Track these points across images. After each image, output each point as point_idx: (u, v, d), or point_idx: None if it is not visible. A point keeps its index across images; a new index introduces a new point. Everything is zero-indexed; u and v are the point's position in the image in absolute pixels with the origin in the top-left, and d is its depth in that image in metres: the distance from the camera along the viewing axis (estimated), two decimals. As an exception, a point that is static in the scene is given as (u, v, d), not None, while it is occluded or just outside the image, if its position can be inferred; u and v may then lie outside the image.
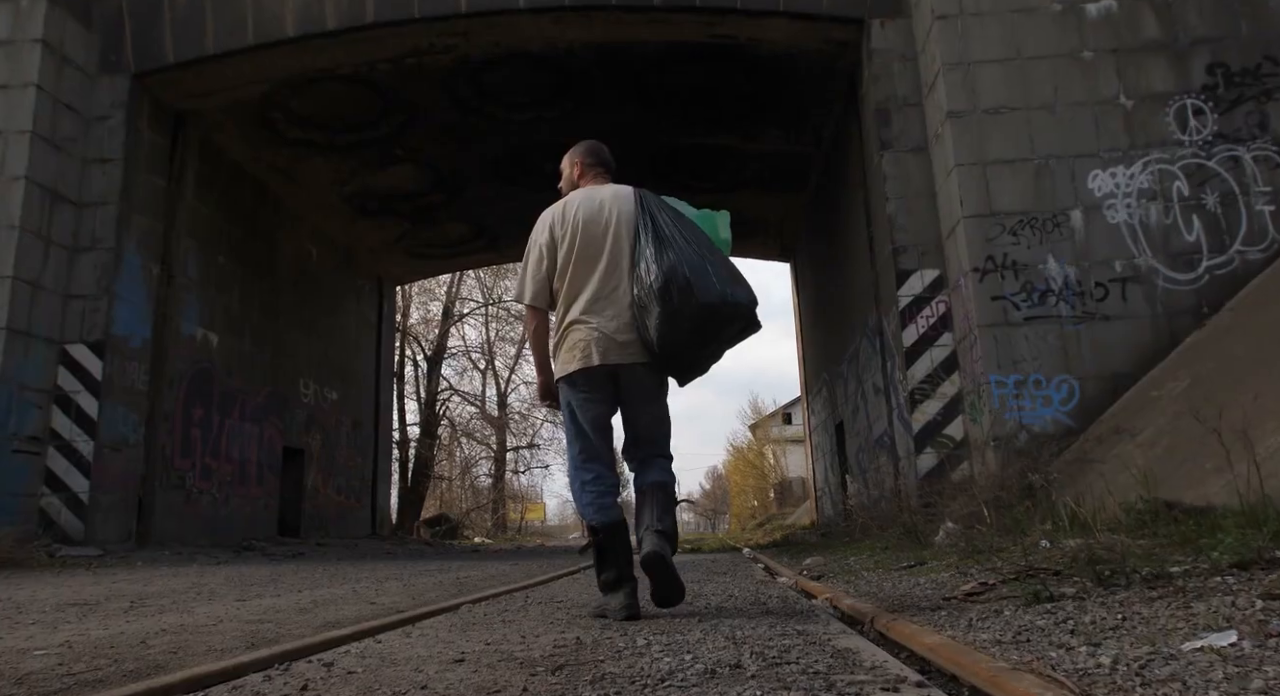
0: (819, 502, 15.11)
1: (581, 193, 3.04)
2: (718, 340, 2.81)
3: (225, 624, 2.64)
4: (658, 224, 2.83)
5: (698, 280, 2.68)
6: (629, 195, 2.97)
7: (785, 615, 2.61)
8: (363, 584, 4.60)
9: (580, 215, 2.92)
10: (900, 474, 8.52)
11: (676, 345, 2.72)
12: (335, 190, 13.23)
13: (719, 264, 2.79)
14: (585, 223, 2.91)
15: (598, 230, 2.89)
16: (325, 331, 13.97)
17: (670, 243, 2.77)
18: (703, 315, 2.68)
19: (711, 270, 2.73)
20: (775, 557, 7.29)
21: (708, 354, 2.87)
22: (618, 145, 3.28)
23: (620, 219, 2.89)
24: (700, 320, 2.68)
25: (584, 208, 2.95)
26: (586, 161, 3.17)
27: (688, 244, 2.77)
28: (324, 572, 5.75)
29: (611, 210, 2.92)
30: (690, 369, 2.92)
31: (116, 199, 9.00)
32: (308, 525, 12.93)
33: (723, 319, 2.73)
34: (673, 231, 2.81)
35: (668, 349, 2.73)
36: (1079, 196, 7.40)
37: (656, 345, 2.72)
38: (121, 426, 8.83)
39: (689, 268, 2.69)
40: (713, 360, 2.93)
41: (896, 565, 4.38)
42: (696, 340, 2.74)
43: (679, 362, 2.85)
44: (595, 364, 2.79)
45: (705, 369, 2.95)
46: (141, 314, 9.31)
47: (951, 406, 7.96)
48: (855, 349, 10.73)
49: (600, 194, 2.99)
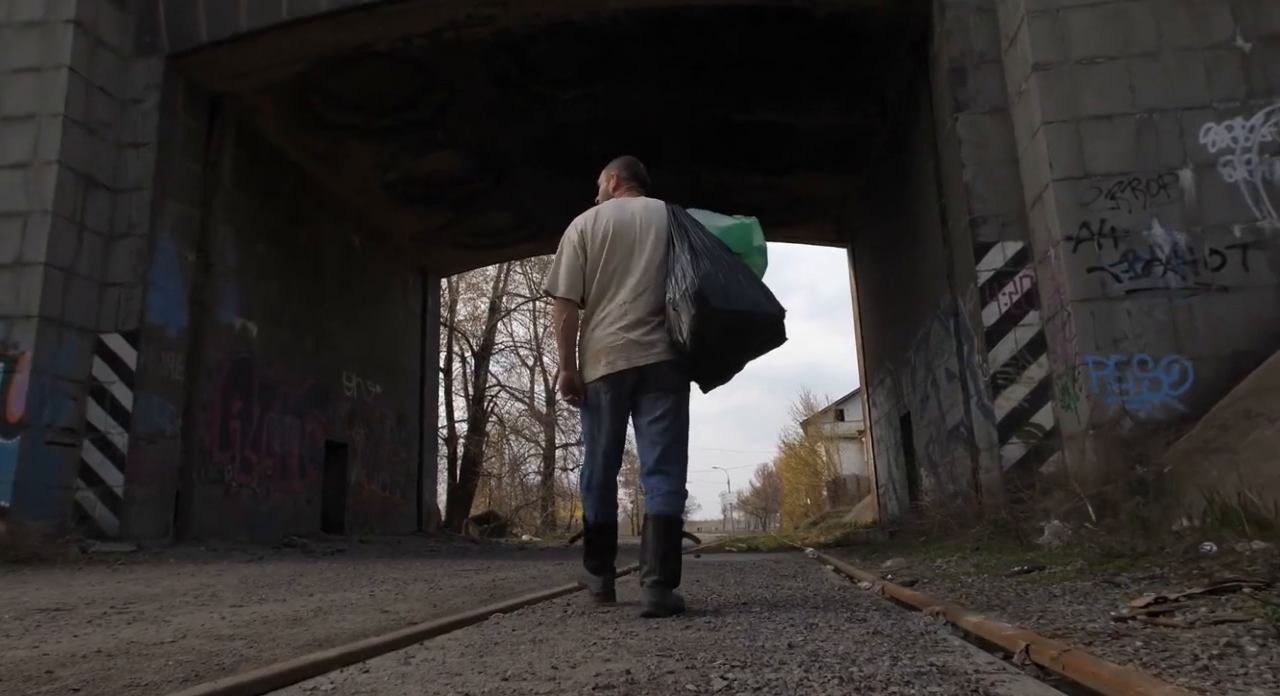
0: (881, 499, 14.30)
1: (613, 203, 3.16)
2: (743, 347, 2.94)
3: (187, 641, 2.14)
4: (691, 236, 2.94)
5: (731, 287, 2.81)
6: (660, 208, 3.10)
7: (898, 639, 2.00)
8: (386, 586, 4.10)
9: (611, 223, 3.04)
10: (980, 467, 7.76)
11: (706, 346, 2.81)
12: (376, 177, 12.90)
13: (749, 277, 2.93)
14: (615, 230, 3.02)
15: (627, 238, 3.01)
16: (369, 323, 13.67)
17: (704, 253, 2.89)
18: (734, 319, 2.79)
19: (743, 280, 2.88)
20: (844, 558, 6.62)
21: (733, 360, 2.99)
22: (664, 124, 2.95)
23: (650, 229, 3.01)
24: (731, 324, 2.80)
25: (615, 216, 3.06)
26: (622, 175, 3.30)
27: (720, 256, 2.91)
28: (351, 572, 5.29)
29: (642, 220, 3.04)
30: (715, 373, 3.03)
31: (151, 184, 8.72)
32: (351, 521, 12.63)
33: (753, 326, 2.86)
34: (706, 243, 2.93)
35: (698, 349, 2.81)
36: (1189, 153, 6.55)
37: (689, 345, 2.80)
38: (157, 418, 8.55)
39: (724, 275, 2.83)
40: (736, 368, 3.05)
41: (1003, 569, 3.70)
42: (725, 343, 2.85)
43: (706, 365, 2.94)
44: (620, 369, 2.90)
45: (728, 376, 3.06)
46: (177, 302, 9.03)
47: (1040, 392, 7.17)
48: (924, 334, 9.94)
49: (631, 205, 3.11)
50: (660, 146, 12.60)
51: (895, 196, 11.24)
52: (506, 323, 29.54)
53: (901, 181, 10.70)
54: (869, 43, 9.47)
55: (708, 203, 3.62)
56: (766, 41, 9.77)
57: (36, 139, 8.16)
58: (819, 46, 9.69)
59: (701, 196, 14.33)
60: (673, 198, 3.31)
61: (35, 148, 8.15)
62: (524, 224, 15.48)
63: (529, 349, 30.95)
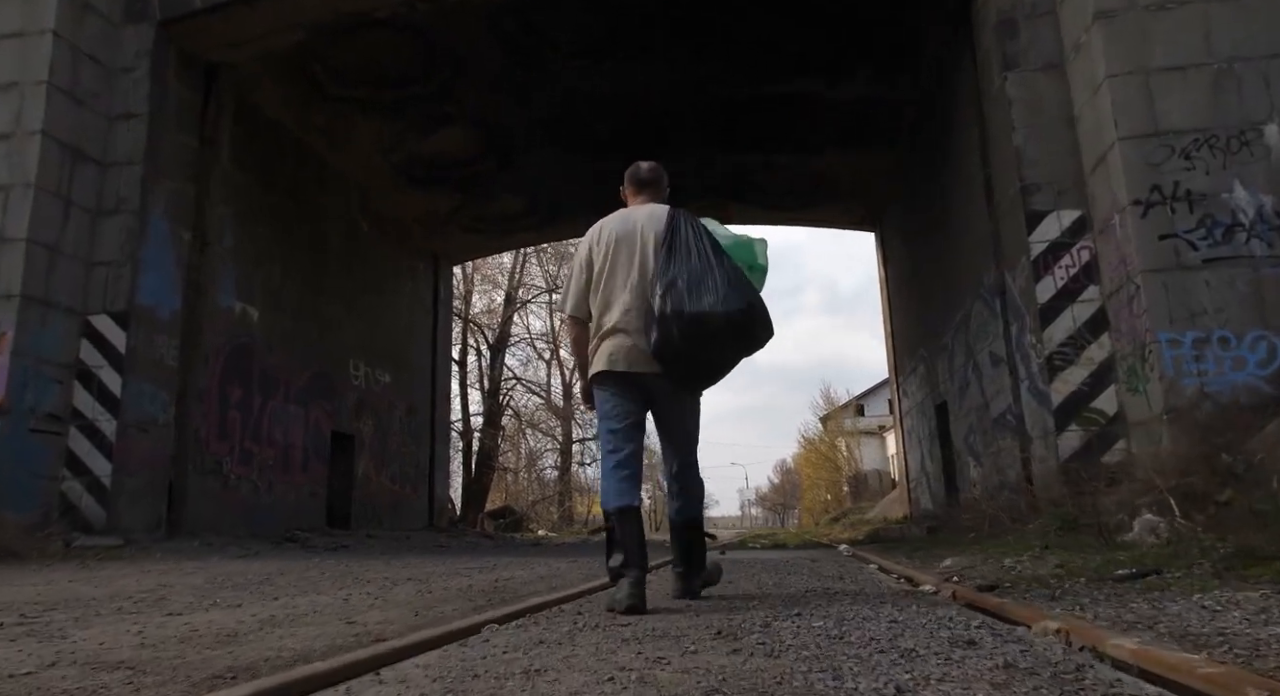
0: (913, 493, 13.62)
1: (619, 214, 3.23)
2: (710, 348, 2.89)
3: (54, 670, 1.59)
4: (676, 240, 2.96)
5: (692, 289, 2.82)
6: (661, 214, 3.11)
7: (1046, 676, 1.40)
8: (370, 588, 3.55)
9: (613, 235, 3.11)
10: (1033, 457, 7.11)
11: (671, 350, 2.83)
12: (383, 157, 12.39)
13: (723, 278, 2.86)
14: (617, 241, 3.09)
15: (628, 248, 3.07)
16: (377, 311, 13.16)
17: (677, 254, 2.91)
18: (691, 321, 2.79)
19: (713, 280, 2.83)
20: (886, 556, 6.00)
21: (707, 361, 2.95)
22: (679, 100, 2.52)
23: (650, 237, 3.05)
24: (687, 327, 2.79)
25: (617, 227, 3.13)
26: (629, 187, 3.35)
27: (697, 256, 2.90)
28: (339, 570, 4.74)
29: (642, 228, 3.08)
30: (690, 375, 3.01)
31: (142, 158, 8.22)
32: (359, 515, 12.14)
33: (711, 327, 2.80)
34: (688, 244, 2.94)
35: (664, 353, 2.85)
36: (1276, 106, 5.86)
37: (655, 354, 2.87)
38: (148, 404, 8.07)
39: (687, 277, 2.84)
40: (717, 369, 3.02)
41: (1099, 571, 3.08)
42: (691, 345, 2.83)
43: (677, 368, 2.93)
44: (620, 370, 2.98)
45: (707, 378, 3.07)
46: (170, 283, 8.54)
47: (1101, 374, 6.51)
48: (964, 316, 9.27)
49: (635, 214, 3.17)
50: (675, 125, 12.02)
51: (930, 172, 10.56)
52: (523, 315, 29.03)
53: (938, 155, 10.02)
54: (905, 2, 8.81)
55: (729, 190, 3.35)
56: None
57: (19, 108, 7.69)
58: (851, 6, 9.04)
59: (722, 181, 13.81)
60: (689, 183, 2.88)
61: (18, 117, 7.67)
62: (534, 209, 14.93)
63: (545, 342, 30.39)
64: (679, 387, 3.02)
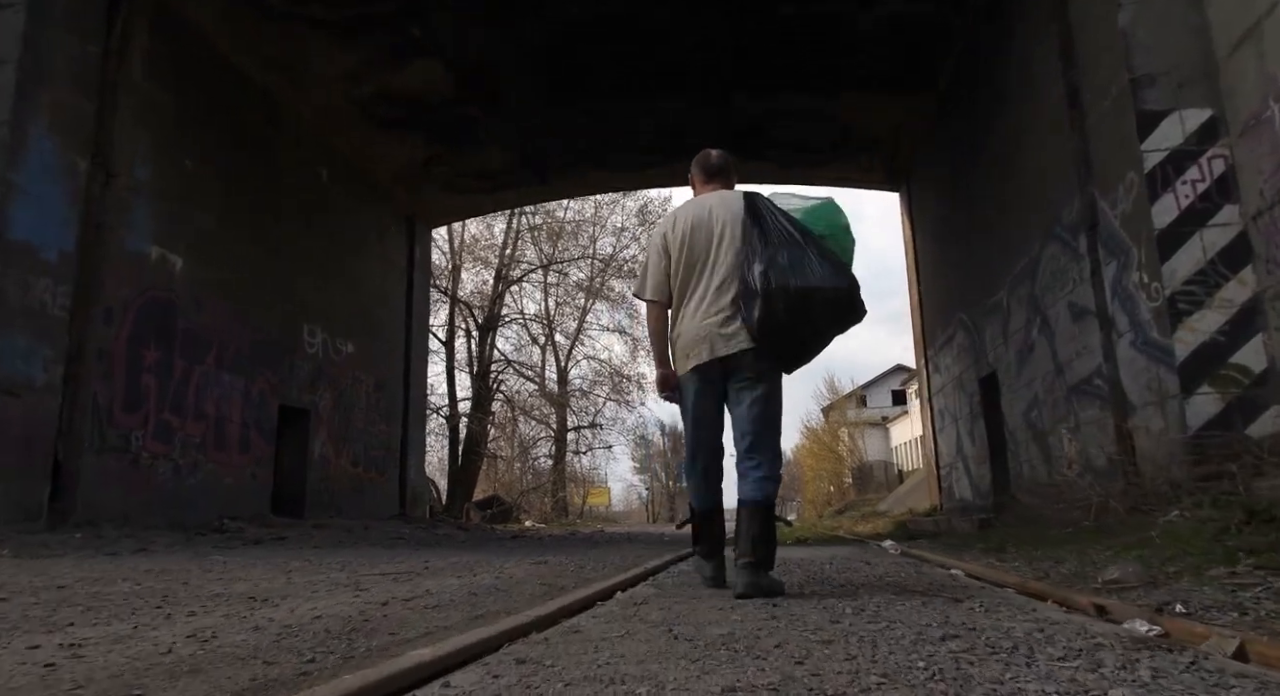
0: (943, 481, 12.05)
1: (692, 202, 3.30)
2: (814, 323, 2.97)
3: None
4: (764, 225, 3.03)
5: (796, 266, 2.91)
6: (737, 198, 3.19)
7: None
8: (134, 619, 2.00)
9: (689, 222, 3.17)
10: (1136, 428, 5.54)
11: (776, 326, 2.91)
12: (346, 92, 10.77)
13: (820, 255, 2.95)
14: (693, 228, 3.15)
15: (704, 234, 3.13)
16: (339, 272, 11.57)
17: (774, 236, 2.98)
18: (798, 296, 2.88)
19: (811, 258, 2.93)
20: (951, 554, 4.44)
21: (809, 337, 3.02)
22: (684, 28, 1.41)
23: (726, 223, 3.11)
24: (794, 302, 2.88)
25: (692, 214, 3.20)
26: (698, 175, 3.43)
27: (790, 237, 2.98)
28: (212, 577, 3.18)
29: (718, 215, 3.15)
30: (793, 353, 3.06)
31: (15, 58, 6.63)
32: (315, 502, 10.58)
33: (817, 301, 2.90)
34: (779, 227, 3.01)
35: (769, 330, 2.91)
36: None
37: (756, 329, 2.92)
38: (21, 363, 6.49)
39: (788, 256, 2.93)
40: (816, 346, 3.08)
41: None
42: (794, 320, 2.91)
43: (781, 345, 2.99)
44: (705, 360, 3.04)
45: (807, 355, 3.10)
46: (58, 217, 6.95)
47: (1243, 320, 4.95)
48: (1029, 265, 7.68)
49: (708, 201, 3.23)
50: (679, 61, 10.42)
51: (977, 107, 8.96)
52: (516, 296, 27.39)
53: (996, 75, 8.40)
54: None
55: (742, 143, 1.98)
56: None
57: None
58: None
59: (733, 134, 12.18)
60: (699, 135, 1.32)
61: None
62: (525, 162, 13.31)
63: (540, 324, 28.72)
64: (773, 363, 3.03)
